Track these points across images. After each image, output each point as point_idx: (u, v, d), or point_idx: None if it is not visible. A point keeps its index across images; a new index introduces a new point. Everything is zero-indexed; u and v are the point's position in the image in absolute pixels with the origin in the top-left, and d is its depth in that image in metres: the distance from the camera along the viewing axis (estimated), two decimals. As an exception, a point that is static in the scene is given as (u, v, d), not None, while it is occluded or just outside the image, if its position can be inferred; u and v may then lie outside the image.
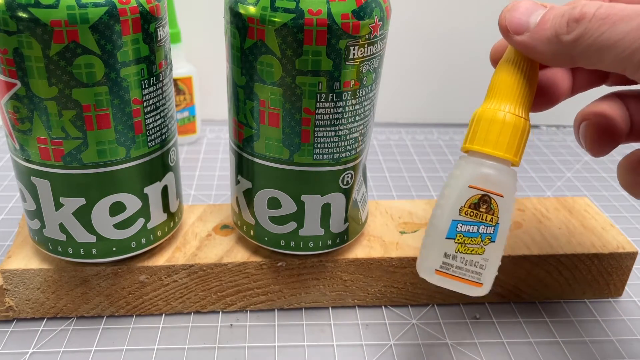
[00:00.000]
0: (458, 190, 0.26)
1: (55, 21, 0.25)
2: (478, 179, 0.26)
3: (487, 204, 0.26)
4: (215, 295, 0.34)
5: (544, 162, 0.56)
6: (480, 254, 0.26)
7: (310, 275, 0.34)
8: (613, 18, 0.22)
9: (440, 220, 0.26)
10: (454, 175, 0.26)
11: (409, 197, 0.49)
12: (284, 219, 0.32)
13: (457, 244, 0.26)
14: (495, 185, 0.26)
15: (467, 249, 0.26)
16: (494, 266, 0.26)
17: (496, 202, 0.26)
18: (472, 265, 0.26)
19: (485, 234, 0.26)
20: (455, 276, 0.26)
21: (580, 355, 0.33)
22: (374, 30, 0.27)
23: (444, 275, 0.26)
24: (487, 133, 0.26)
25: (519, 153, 0.26)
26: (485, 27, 0.60)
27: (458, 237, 0.26)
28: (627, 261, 0.36)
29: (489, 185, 0.26)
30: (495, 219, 0.26)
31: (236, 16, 0.28)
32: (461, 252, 0.26)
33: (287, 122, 0.29)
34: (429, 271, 0.26)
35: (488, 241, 0.26)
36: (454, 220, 0.26)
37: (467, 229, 0.26)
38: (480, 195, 0.26)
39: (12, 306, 0.33)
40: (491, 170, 0.26)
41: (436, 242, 0.26)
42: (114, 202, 0.30)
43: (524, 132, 0.26)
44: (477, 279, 0.26)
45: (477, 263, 0.26)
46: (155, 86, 0.29)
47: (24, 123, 0.28)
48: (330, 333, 0.34)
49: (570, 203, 0.40)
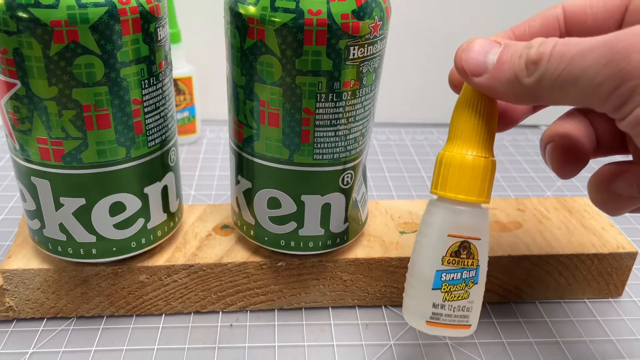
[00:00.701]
0: (437, 239, 0.26)
1: (55, 21, 0.25)
2: (456, 227, 0.26)
3: (467, 249, 0.26)
4: (215, 295, 0.34)
5: (543, 162, 0.56)
6: (465, 298, 0.27)
7: (310, 275, 0.34)
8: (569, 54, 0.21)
9: (423, 271, 0.26)
10: (430, 223, 0.26)
11: (409, 197, 0.49)
12: (284, 219, 0.32)
13: (444, 292, 0.26)
14: (473, 231, 0.26)
15: (453, 296, 0.26)
16: (478, 305, 0.27)
17: (475, 246, 0.26)
18: (459, 310, 0.27)
19: (469, 278, 0.26)
20: (445, 324, 0.27)
21: (580, 355, 0.33)
22: (374, 30, 0.27)
23: (434, 325, 0.27)
24: (457, 179, 0.26)
25: (489, 192, 0.26)
26: (485, 27, 0.60)
27: (444, 286, 0.26)
28: (627, 261, 0.36)
29: (467, 232, 0.26)
30: (475, 262, 0.26)
31: (236, 16, 0.28)
32: (448, 300, 0.26)
33: (287, 122, 0.29)
34: (420, 322, 0.27)
35: (472, 284, 0.27)
36: (437, 270, 0.26)
37: (451, 277, 0.26)
38: (460, 242, 0.26)
39: (12, 306, 0.33)
40: (467, 217, 0.26)
41: (423, 294, 0.26)
42: (114, 202, 0.30)
43: (492, 171, 0.26)
44: (465, 322, 0.27)
45: (464, 307, 0.27)
46: (155, 86, 0.29)
47: (24, 123, 0.28)
48: (330, 333, 0.34)
49: (570, 203, 0.40)
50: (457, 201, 0.26)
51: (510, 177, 0.53)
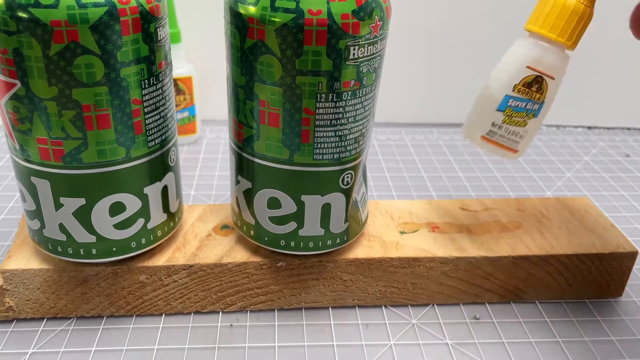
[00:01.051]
0: (516, 68, 0.29)
1: (55, 21, 0.25)
2: (537, 61, 0.29)
3: (539, 84, 0.29)
4: (215, 296, 0.34)
5: (544, 162, 0.56)
6: (522, 126, 0.30)
7: (310, 275, 0.34)
8: None
9: (495, 92, 0.30)
10: (514, 52, 0.29)
11: (409, 197, 0.49)
12: (284, 219, 0.32)
13: (505, 116, 0.30)
14: (550, 68, 0.29)
15: (512, 121, 0.30)
16: (531, 137, 0.31)
17: (547, 83, 0.29)
18: (513, 135, 0.30)
19: (531, 110, 0.30)
20: (497, 142, 0.31)
21: (580, 355, 0.33)
22: (374, 30, 0.27)
23: (487, 140, 0.31)
24: (555, 18, 0.28)
25: (576, 39, 0.29)
26: (485, 27, 0.60)
27: (507, 110, 0.30)
28: (627, 261, 0.36)
29: (545, 68, 0.29)
30: (542, 98, 0.30)
31: (236, 16, 0.28)
32: (507, 123, 0.30)
33: (287, 122, 0.29)
34: (476, 135, 0.31)
35: (532, 116, 0.30)
36: (507, 95, 0.29)
37: (516, 104, 0.30)
38: (535, 76, 0.29)
39: (12, 306, 0.33)
40: (549, 54, 0.29)
41: (487, 112, 0.30)
42: (114, 202, 0.30)
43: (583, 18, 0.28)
44: (514, 146, 0.31)
45: (518, 134, 0.30)
46: (155, 86, 0.29)
47: (23, 123, 0.28)
48: (330, 333, 0.34)
49: (570, 203, 0.40)
50: (546, 38, 0.29)
51: (510, 177, 0.53)
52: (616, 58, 0.63)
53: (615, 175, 0.54)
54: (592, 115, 0.66)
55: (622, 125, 0.66)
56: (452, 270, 0.35)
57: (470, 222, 0.38)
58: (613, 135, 0.64)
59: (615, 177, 0.54)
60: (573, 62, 0.66)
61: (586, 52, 0.62)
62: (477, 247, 0.35)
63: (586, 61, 0.63)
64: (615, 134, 0.64)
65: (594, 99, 0.65)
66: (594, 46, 0.62)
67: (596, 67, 0.63)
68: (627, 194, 0.51)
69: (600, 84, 0.65)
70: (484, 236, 0.36)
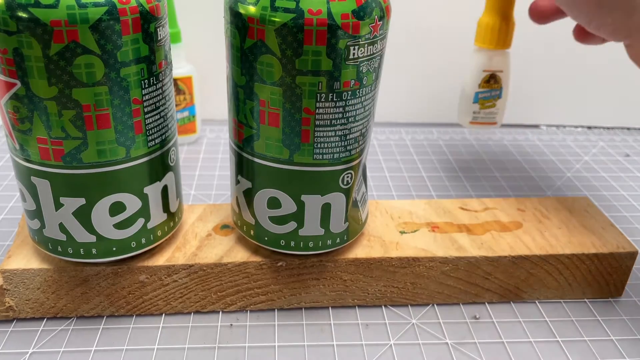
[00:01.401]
0: (476, 73, 0.46)
1: (55, 21, 0.25)
2: (486, 64, 0.46)
3: (494, 78, 0.46)
4: (215, 295, 0.34)
5: (544, 162, 0.56)
6: (493, 107, 0.47)
7: (310, 275, 0.34)
8: None
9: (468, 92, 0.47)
10: (472, 65, 0.46)
11: (409, 197, 0.49)
12: (284, 218, 0.32)
13: (479, 105, 0.47)
14: (497, 66, 0.46)
15: (485, 106, 0.47)
16: (502, 111, 0.48)
17: (499, 76, 0.46)
18: (489, 114, 0.48)
19: (495, 95, 0.47)
20: (481, 122, 0.48)
21: (580, 355, 0.33)
22: (374, 30, 0.27)
23: (474, 123, 0.48)
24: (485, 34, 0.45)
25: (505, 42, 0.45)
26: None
27: (480, 101, 0.47)
28: (627, 261, 0.36)
29: (493, 67, 0.46)
30: (499, 85, 0.46)
31: (236, 16, 0.28)
32: (482, 108, 0.47)
33: (287, 122, 0.29)
34: (465, 122, 0.48)
35: (497, 99, 0.47)
36: (476, 92, 0.46)
37: (484, 95, 0.46)
38: (489, 74, 0.46)
39: (12, 306, 0.33)
40: (493, 57, 0.45)
41: (467, 105, 0.47)
42: (114, 202, 0.30)
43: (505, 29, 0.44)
44: (493, 120, 0.48)
45: (492, 112, 0.48)
46: (155, 86, 0.29)
47: (23, 123, 0.28)
48: (330, 333, 0.34)
49: (570, 203, 0.40)
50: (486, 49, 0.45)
51: (510, 177, 0.53)
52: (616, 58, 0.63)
53: (615, 175, 0.54)
54: (592, 115, 0.66)
55: (622, 125, 0.66)
56: (452, 270, 0.35)
57: (470, 222, 0.38)
58: (613, 135, 0.64)
59: (615, 177, 0.54)
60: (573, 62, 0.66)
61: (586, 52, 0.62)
62: (477, 246, 0.35)
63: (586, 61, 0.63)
64: (615, 134, 0.64)
65: (594, 99, 0.65)
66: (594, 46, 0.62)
67: (596, 67, 0.63)
68: (627, 194, 0.51)
69: (601, 84, 0.64)
70: (484, 236, 0.36)
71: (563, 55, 0.62)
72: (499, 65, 0.45)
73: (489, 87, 0.46)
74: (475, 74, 0.46)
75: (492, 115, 0.47)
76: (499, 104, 0.47)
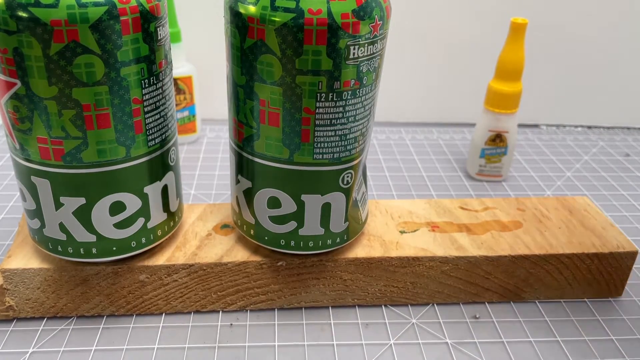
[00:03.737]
0: (483, 132, 0.50)
1: (55, 20, 0.25)
2: (493, 125, 0.49)
3: (500, 137, 0.50)
4: (215, 295, 0.34)
5: (544, 161, 0.56)
6: (498, 162, 0.51)
7: (310, 275, 0.34)
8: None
9: (475, 148, 0.51)
10: (480, 124, 0.50)
11: (409, 196, 0.49)
12: (284, 218, 0.32)
13: (485, 159, 0.51)
14: (504, 127, 0.49)
15: (491, 160, 0.51)
16: (507, 166, 0.51)
17: (505, 136, 0.50)
18: (495, 168, 0.51)
19: (500, 152, 0.50)
20: (487, 174, 0.51)
21: (580, 354, 0.33)
22: (374, 29, 0.27)
23: (480, 175, 0.51)
24: (494, 99, 0.49)
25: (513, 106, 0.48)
26: (485, 27, 0.60)
27: (486, 156, 0.51)
28: (627, 261, 0.36)
29: (499, 128, 0.49)
30: (504, 144, 0.50)
31: (236, 16, 0.28)
32: (488, 163, 0.51)
33: (287, 121, 0.29)
34: (473, 173, 0.52)
35: (503, 155, 0.50)
36: (482, 148, 0.50)
37: (490, 152, 0.50)
38: (495, 134, 0.50)
39: (12, 306, 0.33)
40: (501, 119, 0.49)
41: (475, 159, 0.51)
42: (114, 201, 0.30)
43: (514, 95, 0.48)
44: (498, 173, 0.51)
45: (497, 166, 0.51)
46: (155, 86, 0.29)
47: (24, 122, 0.28)
48: (330, 332, 0.34)
49: (570, 203, 0.40)
50: (495, 112, 0.49)
51: (510, 176, 0.53)
52: (616, 58, 0.63)
53: (615, 175, 0.54)
54: (592, 115, 0.66)
55: (622, 124, 0.66)
56: (452, 270, 0.35)
57: (470, 222, 0.38)
58: (613, 135, 0.64)
59: (615, 177, 0.54)
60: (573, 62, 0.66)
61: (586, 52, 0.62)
62: (477, 246, 0.35)
63: (586, 61, 0.63)
64: (615, 134, 0.64)
65: (594, 99, 0.65)
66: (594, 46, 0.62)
67: (596, 67, 0.63)
68: (627, 194, 0.51)
69: (600, 84, 0.64)
70: (484, 235, 0.36)
71: (563, 55, 0.62)
72: (504, 127, 0.49)
73: (494, 145, 0.50)
74: (482, 132, 0.50)
75: (497, 169, 0.51)
76: (505, 160, 0.50)
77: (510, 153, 0.50)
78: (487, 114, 0.49)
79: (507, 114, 0.48)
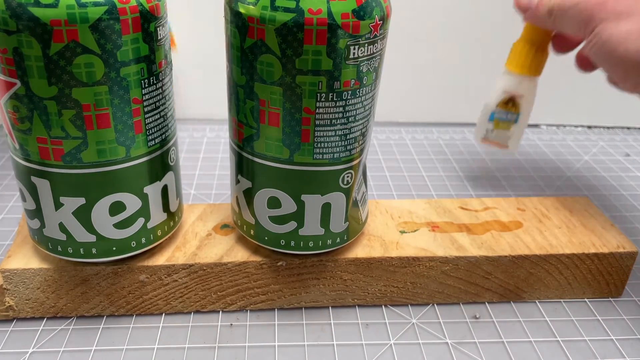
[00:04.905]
0: (497, 93, 0.45)
1: (55, 20, 0.25)
2: (510, 87, 0.45)
3: (513, 101, 0.45)
4: (215, 295, 0.34)
5: (544, 161, 0.56)
6: (508, 129, 0.46)
7: (310, 275, 0.34)
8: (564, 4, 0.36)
9: (486, 109, 0.46)
10: (497, 84, 0.45)
11: (409, 196, 0.49)
12: (284, 218, 0.32)
13: (494, 123, 0.46)
14: (520, 90, 0.44)
15: (499, 126, 0.46)
16: (517, 136, 0.46)
17: (519, 101, 0.45)
18: (502, 135, 0.47)
19: (511, 119, 0.46)
20: (492, 141, 0.47)
21: (580, 354, 0.33)
22: (374, 29, 0.27)
23: (485, 141, 0.47)
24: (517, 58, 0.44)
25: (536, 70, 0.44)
26: (485, 27, 0.60)
27: (495, 120, 0.46)
28: (627, 261, 0.36)
29: (515, 90, 0.45)
30: (517, 110, 0.45)
31: (236, 15, 0.28)
32: (496, 128, 0.46)
33: (287, 121, 0.29)
34: (478, 138, 0.48)
35: (513, 122, 0.46)
36: (493, 112, 0.46)
37: (500, 116, 0.46)
38: (509, 96, 0.45)
39: (12, 306, 0.33)
40: (520, 82, 0.44)
41: (483, 123, 0.47)
42: (114, 201, 0.30)
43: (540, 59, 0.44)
44: (505, 143, 0.47)
45: (505, 134, 0.46)
46: (155, 85, 0.29)
47: (23, 122, 0.28)
48: (330, 332, 0.34)
49: (570, 203, 0.40)
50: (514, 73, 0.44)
51: (510, 176, 0.53)
52: (616, 58, 0.63)
53: (615, 175, 0.54)
54: (592, 115, 0.66)
55: (622, 124, 0.66)
56: (452, 270, 0.35)
57: (470, 222, 0.38)
58: (613, 135, 0.64)
59: (615, 177, 0.54)
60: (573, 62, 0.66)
61: (586, 51, 0.62)
62: (477, 246, 0.35)
63: (586, 61, 0.63)
64: (615, 134, 0.64)
65: (594, 99, 0.65)
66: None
67: (596, 67, 0.63)
68: (627, 194, 0.51)
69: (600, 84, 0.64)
70: (484, 235, 0.36)
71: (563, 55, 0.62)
72: (521, 90, 0.45)
73: (505, 109, 0.45)
74: (496, 93, 0.46)
75: (504, 137, 0.46)
76: (515, 128, 0.46)
77: (521, 123, 0.45)
78: (505, 75, 0.45)
79: (527, 76, 0.44)
